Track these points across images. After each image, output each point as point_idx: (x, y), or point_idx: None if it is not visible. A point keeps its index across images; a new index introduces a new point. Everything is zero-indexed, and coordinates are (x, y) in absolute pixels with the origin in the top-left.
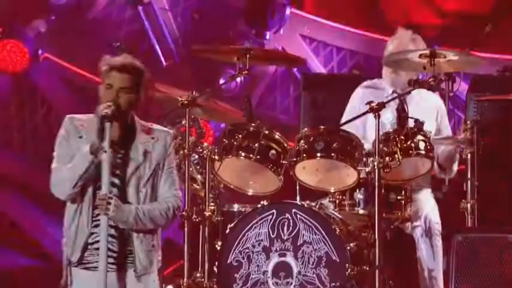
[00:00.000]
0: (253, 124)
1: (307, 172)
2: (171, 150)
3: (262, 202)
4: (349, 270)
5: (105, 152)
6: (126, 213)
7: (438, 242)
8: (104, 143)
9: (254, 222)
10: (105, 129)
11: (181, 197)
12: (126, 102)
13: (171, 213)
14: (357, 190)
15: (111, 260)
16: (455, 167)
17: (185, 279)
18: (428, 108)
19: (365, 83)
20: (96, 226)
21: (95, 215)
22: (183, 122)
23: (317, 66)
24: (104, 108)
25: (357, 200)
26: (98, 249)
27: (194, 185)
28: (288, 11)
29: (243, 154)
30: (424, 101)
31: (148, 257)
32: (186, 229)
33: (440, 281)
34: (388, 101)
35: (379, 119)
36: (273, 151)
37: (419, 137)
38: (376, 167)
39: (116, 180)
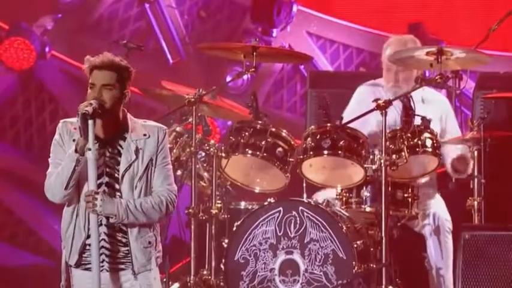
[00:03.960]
0: (260, 122)
1: (313, 170)
2: (163, 145)
3: (269, 200)
4: (356, 267)
5: (90, 150)
6: (115, 206)
7: (449, 239)
8: (88, 141)
9: (261, 219)
10: (89, 127)
11: (176, 191)
12: (110, 99)
13: (165, 207)
14: (364, 188)
15: (108, 260)
16: (470, 167)
17: (192, 277)
18: (431, 109)
19: (367, 83)
20: None
21: None
22: (190, 120)
23: (324, 63)
24: (85, 106)
25: (364, 198)
26: None
27: (201, 182)
28: (294, 8)
29: (249, 151)
30: (428, 102)
31: (146, 255)
32: (192, 227)
33: (450, 279)
34: (395, 99)
35: (385, 116)
36: (280, 148)
37: (426, 134)
38: (383, 165)
39: (110, 180)
